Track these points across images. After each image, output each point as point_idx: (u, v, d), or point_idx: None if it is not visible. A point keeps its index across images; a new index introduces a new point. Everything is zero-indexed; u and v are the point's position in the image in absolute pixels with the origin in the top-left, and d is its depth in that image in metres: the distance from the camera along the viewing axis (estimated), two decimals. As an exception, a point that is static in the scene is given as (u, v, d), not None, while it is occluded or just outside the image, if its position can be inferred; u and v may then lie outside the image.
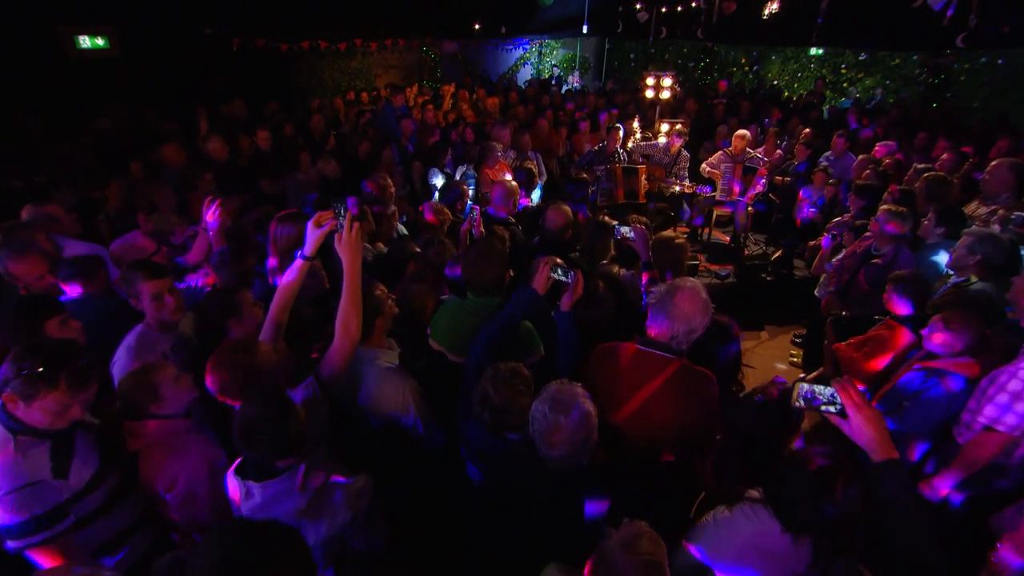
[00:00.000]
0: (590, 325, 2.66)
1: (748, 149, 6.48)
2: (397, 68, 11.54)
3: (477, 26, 10.19)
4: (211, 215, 3.40)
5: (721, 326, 2.56)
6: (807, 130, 7.15)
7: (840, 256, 4.61)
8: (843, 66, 13.55)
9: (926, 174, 4.72)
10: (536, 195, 6.08)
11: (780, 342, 5.78)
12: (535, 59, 14.03)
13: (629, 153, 6.66)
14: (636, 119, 7.13)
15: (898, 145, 6.31)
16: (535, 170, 4.76)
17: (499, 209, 4.20)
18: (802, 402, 1.60)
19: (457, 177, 6.27)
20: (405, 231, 4.64)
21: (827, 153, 6.80)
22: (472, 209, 3.70)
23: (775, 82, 13.78)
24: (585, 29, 10.09)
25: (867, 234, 4.45)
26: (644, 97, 7.01)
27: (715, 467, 2.16)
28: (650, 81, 6.67)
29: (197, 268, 3.52)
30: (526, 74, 13.85)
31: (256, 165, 5.83)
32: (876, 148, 6.24)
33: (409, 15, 9.77)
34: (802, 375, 5.15)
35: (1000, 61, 11.34)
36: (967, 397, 2.79)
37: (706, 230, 6.94)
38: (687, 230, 7.07)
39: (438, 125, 8.09)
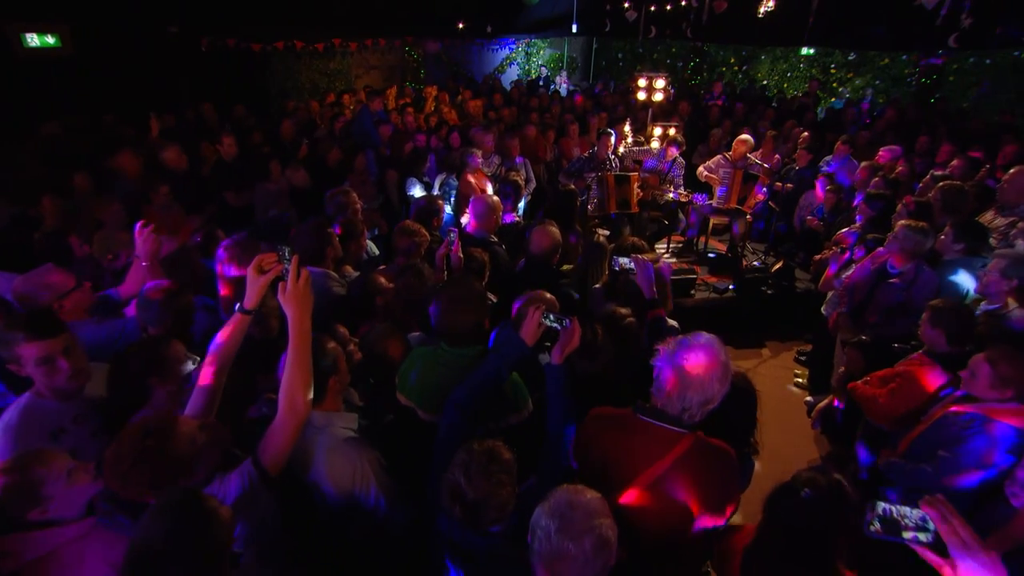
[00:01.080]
0: (586, 380, 2.22)
1: (749, 155, 6.08)
2: (379, 69, 11.02)
3: (461, 25, 9.69)
4: (144, 241, 2.90)
5: (741, 390, 2.12)
6: (806, 133, 6.77)
7: (851, 273, 4.21)
8: (832, 66, 13.28)
9: (941, 183, 4.34)
10: (522, 206, 5.64)
11: (783, 360, 5.40)
12: (522, 59, 13.58)
13: (621, 159, 6.23)
14: (627, 122, 6.70)
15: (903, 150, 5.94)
16: (521, 181, 4.32)
17: (479, 228, 3.75)
18: (879, 526, 1.17)
19: (436, 187, 5.81)
20: (376, 250, 4.16)
21: (827, 158, 6.43)
22: (448, 231, 3.24)
23: (764, 82, 13.47)
24: (574, 28, 9.63)
25: (881, 250, 4.06)
26: (636, 99, 6.58)
27: (745, 563, 1.73)
28: (642, 83, 6.25)
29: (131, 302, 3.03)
30: (512, 74, 13.39)
31: (219, 175, 5.31)
32: (880, 153, 5.87)
33: (390, 14, 9.25)
34: (809, 398, 4.76)
35: (988, 61, 11.16)
36: (1019, 449, 2.41)
37: (702, 239, 6.54)
38: (682, 239, 6.68)
39: (419, 130, 7.60)
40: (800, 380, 5.03)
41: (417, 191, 5.75)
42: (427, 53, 11.26)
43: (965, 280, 3.72)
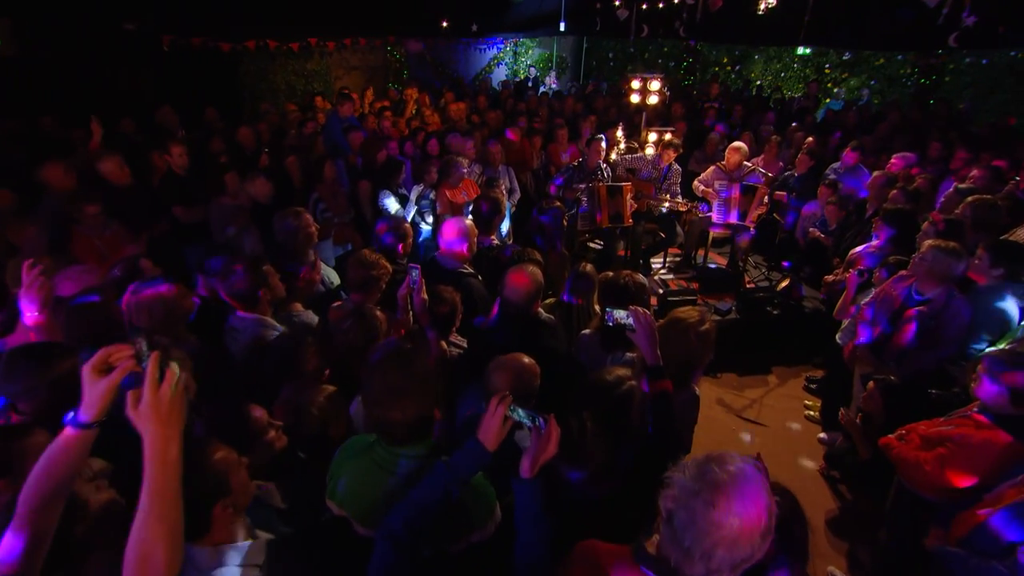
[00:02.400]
0: (571, 496, 1.64)
1: (746, 163, 5.52)
2: (360, 70, 10.37)
3: (445, 24, 9.06)
4: (30, 286, 2.29)
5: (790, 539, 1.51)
6: (810, 139, 6.22)
7: (870, 298, 3.67)
8: (827, 66, 12.79)
9: (972, 198, 3.80)
10: (505, 224, 5.06)
11: (791, 388, 4.86)
12: (510, 59, 12.95)
13: (613, 167, 5.66)
14: (620, 127, 6.13)
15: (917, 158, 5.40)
16: (502, 197, 3.74)
17: (452, 256, 3.16)
18: None
19: (412, 199, 5.20)
20: (334, 278, 3.56)
21: (834, 165, 5.89)
22: (411, 269, 2.67)
23: (758, 82, 12.95)
24: (562, 27, 9.03)
25: (904, 273, 3.52)
26: (628, 102, 6.01)
27: None
28: (635, 84, 5.68)
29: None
30: (501, 75, 12.76)
31: (168, 189, 4.68)
32: (892, 161, 5.33)
33: (369, 12, 8.61)
34: (822, 435, 4.23)
35: (984, 61, 10.71)
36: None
37: (700, 252, 5.99)
38: (679, 251, 6.13)
39: (400, 135, 6.99)
40: (812, 413, 4.49)
41: (391, 205, 5.15)
42: (410, 53, 10.62)
43: (1012, 309, 3.19)
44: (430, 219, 5.13)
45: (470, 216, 3.92)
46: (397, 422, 1.53)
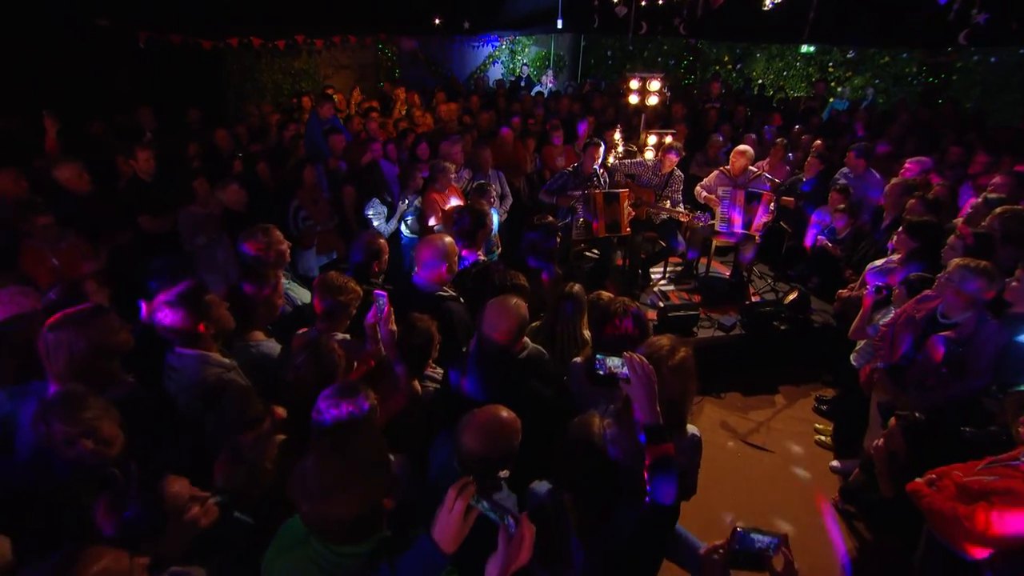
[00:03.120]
0: None
1: (751, 168, 5.18)
2: (350, 68, 10.00)
3: (437, 21, 8.69)
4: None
5: None
6: (818, 141, 5.89)
7: (890, 319, 3.35)
8: (830, 64, 12.44)
9: (1001, 209, 3.48)
10: (495, 231, 4.72)
11: (800, 409, 4.54)
12: (506, 57, 12.58)
13: (610, 172, 5.33)
14: (618, 129, 5.79)
15: (932, 162, 5.07)
16: (486, 208, 3.40)
17: (428, 278, 2.84)
18: None
19: (401, 207, 4.87)
20: (302, 296, 3.22)
21: (844, 170, 5.55)
22: (377, 296, 2.34)
23: (760, 81, 12.60)
24: (560, 24, 8.67)
25: (928, 293, 3.20)
26: (627, 103, 5.68)
27: None
28: (634, 84, 5.34)
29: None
30: (497, 73, 12.40)
31: (133, 197, 4.34)
32: (907, 166, 5.00)
33: (359, 8, 8.25)
34: (835, 463, 3.90)
35: (993, 59, 10.38)
36: None
37: (703, 260, 5.66)
38: (680, 260, 5.80)
39: (388, 136, 6.65)
40: (823, 439, 4.17)
41: (375, 212, 4.82)
42: (402, 51, 10.25)
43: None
44: (417, 226, 4.80)
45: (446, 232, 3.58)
46: (337, 519, 1.21)
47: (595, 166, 4.83)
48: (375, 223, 4.81)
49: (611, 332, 2.34)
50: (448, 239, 2.89)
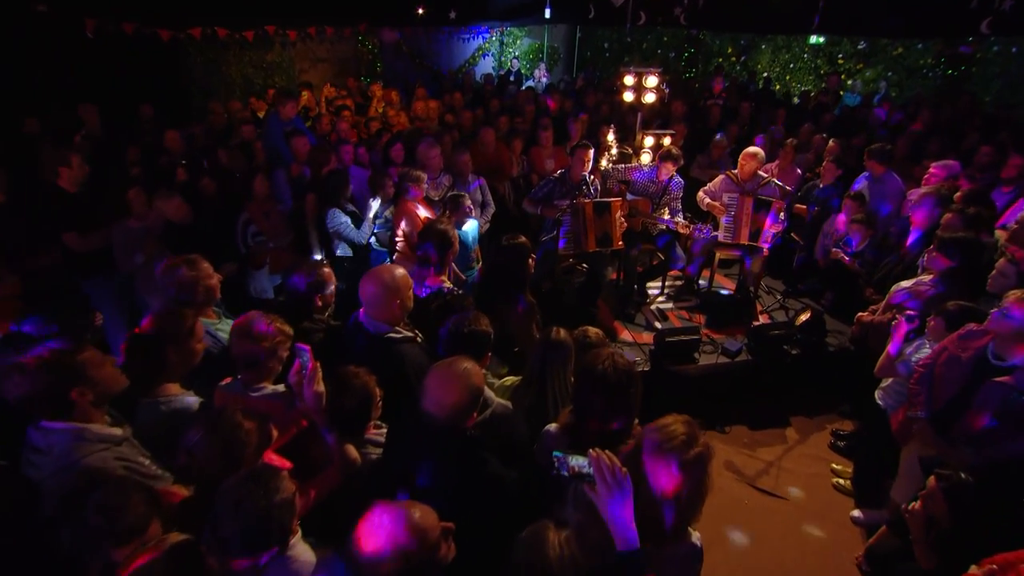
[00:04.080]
0: None
1: (760, 172, 4.75)
2: (328, 62, 9.53)
3: (420, 11, 8.24)
4: None
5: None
6: (832, 142, 5.45)
7: (927, 357, 2.93)
8: (840, 56, 12.01)
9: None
10: (471, 233, 4.30)
11: (815, 446, 4.12)
12: (496, 50, 12.12)
13: (603, 178, 4.89)
14: (612, 129, 5.35)
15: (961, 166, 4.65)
16: (450, 230, 2.96)
17: (377, 317, 2.41)
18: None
19: (369, 218, 4.43)
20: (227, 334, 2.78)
21: (864, 174, 5.12)
22: (299, 351, 1.93)
23: (765, 74, 12.16)
24: (547, 14, 8.22)
25: (974, 327, 2.78)
26: (622, 100, 5.24)
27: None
28: (629, 80, 4.90)
29: None
30: (487, 67, 11.93)
31: (56, 210, 3.90)
32: (932, 171, 4.56)
33: (336, -3, 7.81)
34: (856, 513, 3.49)
35: (1014, 49, 9.95)
36: None
37: (706, 273, 5.23)
38: (678, 273, 5.37)
39: (362, 137, 6.21)
40: (841, 482, 3.75)
41: (341, 223, 4.38)
42: (384, 44, 9.79)
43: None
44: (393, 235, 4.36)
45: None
46: None
47: (584, 172, 4.40)
48: (345, 232, 4.37)
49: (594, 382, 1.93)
50: (398, 271, 2.45)
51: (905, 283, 3.51)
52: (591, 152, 4.30)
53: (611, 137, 5.28)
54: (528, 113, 6.84)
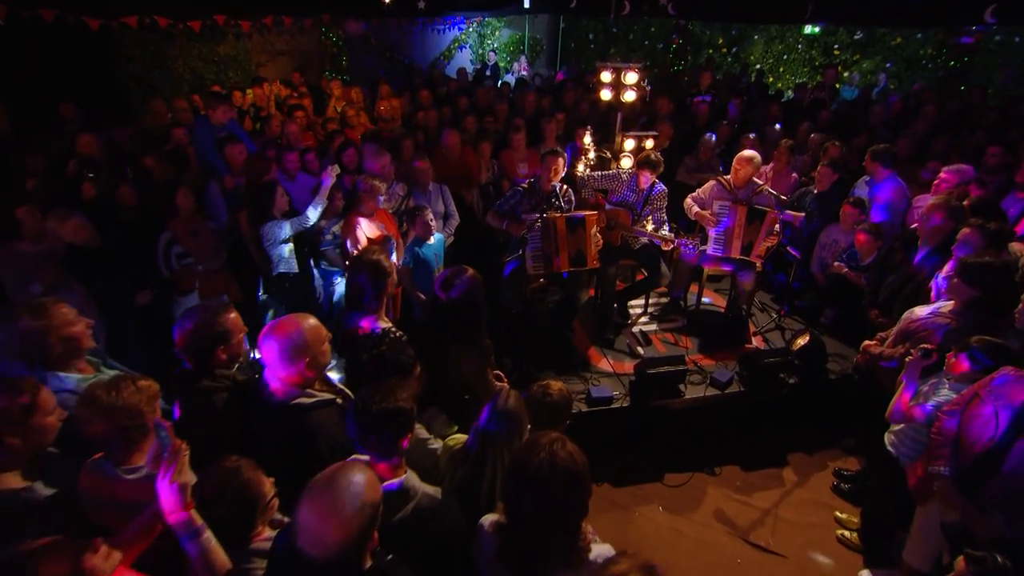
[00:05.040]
0: None
1: (755, 179, 4.37)
2: (288, 55, 9.03)
3: (387, 0, 7.75)
4: None
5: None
6: (833, 144, 5.09)
7: (952, 403, 2.56)
8: (836, 47, 11.70)
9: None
10: (435, 249, 3.88)
11: (816, 489, 3.75)
12: (474, 42, 11.66)
13: (579, 185, 4.48)
14: (588, 131, 4.95)
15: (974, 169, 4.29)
16: (384, 261, 2.53)
17: (284, 379, 1.99)
18: None
19: (312, 222, 3.97)
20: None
21: (866, 178, 4.77)
22: (157, 429, 1.51)
23: (758, 66, 11.82)
24: (526, 3, 7.77)
25: (1008, 372, 2.41)
26: (599, 99, 4.83)
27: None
28: (606, 76, 4.48)
29: None
30: (464, 60, 11.48)
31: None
32: (942, 176, 4.21)
33: (294, -15, 7.30)
34: (865, 574, 3.13)
35: (1017, 39, 9.70)
36: None
37: (694, 288, 4.86)
38: (664, 289, 4.97)
39: (319, 141, 5.76)
40: (846, 534, 3.38)
41: (279, 248, 3.93)
42: (350, 36, 9.30)
43: None
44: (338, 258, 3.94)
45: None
46: None
47: (555, 182, 3.98)
48: (285, 236, 3.92)
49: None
50: (307, 322, 2.02)
51: (920, 310, 3.13)
52: (562, 160, 3.89)
53: (588, 139, 4.87)
54: (500, 112, 6.41)
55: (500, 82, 8.76)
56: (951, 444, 2.49)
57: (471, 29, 11.47)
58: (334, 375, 2.47)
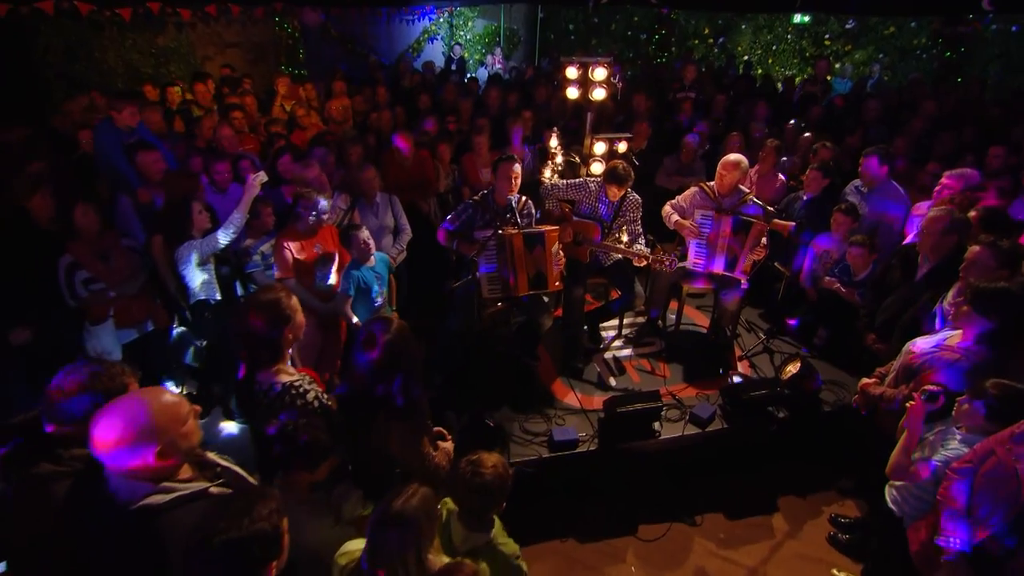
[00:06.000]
0: None
1: (742, 187, 4.03)
2: (239, 48, 8.52)
3: (346, -13, 7.35)
4: None
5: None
6: (823, 146, 4.76)
7: (962, 461, 2.23)
8: (827, 36, 11.45)
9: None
10: (375, 271, 3.50)
11: (810, 540, 3.41)
12: (445, 33, 11.22)
13: (542, 197, 4.10)
14: (555, 133, 4.57)
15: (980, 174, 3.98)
16: (284, 302, 2.12)
17: (130, 472, 1.59)
18: None
19: (222, 243, 3.55)
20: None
21: (856, 182, 4.45)
22: None
23: (746, 57, 11.53)
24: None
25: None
26: (565, 97, 4.44)
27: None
28: (571, 73, 4.10)
29: None
30: (435, 54, 11.03)
31: None
32: (944, 181, 3.89)
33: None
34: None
35: (1014, 28, 9.51)
36: None
37: (673, 304, 4.51)
38: (642, 311, 4.62)
39: (260, 145, 5.31)
40: (844, 596, 3.05)
41: (195, 272, 3.50)
42: (307, 26, 8.82)
43: None
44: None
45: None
46: None
47: (511, 196, 3.59)
48: (193, 282, 3.52)
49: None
50: (160, 399, 1.61)
51: (923, 342, 2.79)
52: (518, 167, 3.50)
53: (554, 142, 4.49)
54: (464, 111, 6.01)
55: (468, 77, 8.34)
56: (962, 512, 2.16)
57: (442, 20, 11.03)
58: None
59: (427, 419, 2.31)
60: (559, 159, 4.50)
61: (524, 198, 3.74)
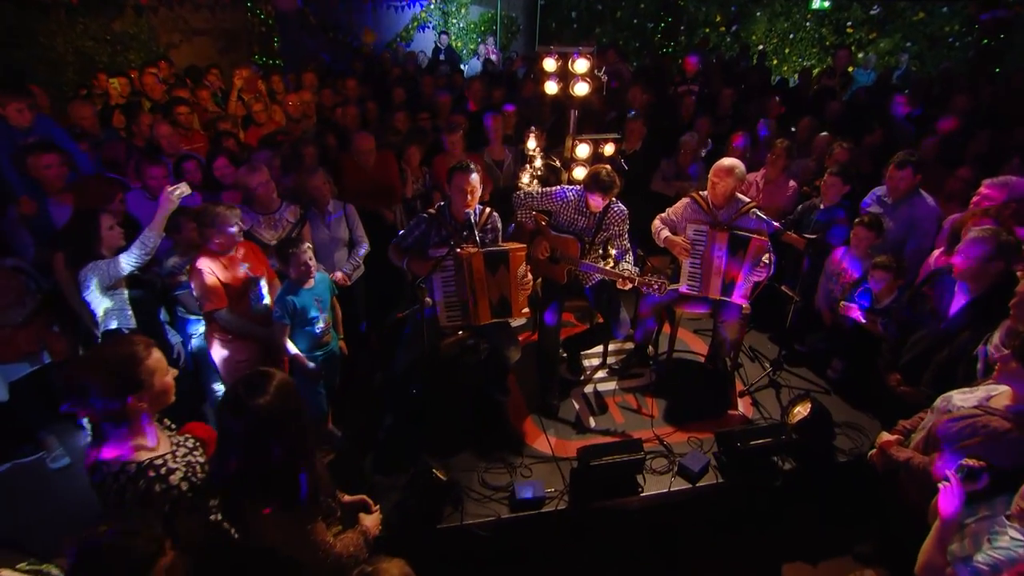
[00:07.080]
0: None
1: (740, 196, 3.57)
2: (208, 35, 8.14)
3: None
4: None
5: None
6: (841, 147, 4.28)
7: (1018, 567, 1.78)
8: (849, 24, 10.90)
9: None
10: (315, 294, 3.08)
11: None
12: (437, 20, 10.79)
13: (519, 204, 3.66)
14: (533, 133, 4.13)
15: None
16: (140, 349, 1.70)
17: None
18: None
19: (125, 268, 3.14)
20: None
21: (878, 191, 3.98)
22: None
23: (760, 47, 10.99)
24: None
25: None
26: (543, 93, 4.00)
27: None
28: (549, 65, 3.64)
29: None
30: (426, 43, 10.61)
31: None
32: (983, 191, 3.41)
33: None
34: None
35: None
36: None
37: (667, 328, 4.05)
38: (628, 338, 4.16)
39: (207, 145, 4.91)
40: None
41: (98, 298, 3.10)
42: (281, 12, 8.41)
43: None
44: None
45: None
46: None
47: (472, 210, 3.15)
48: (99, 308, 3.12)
49: None
50: None
51: (960, 397, 2.34)
52: (475, 178, 3.06)
53: (532, 144, 4.05)
54: (441, 106, 5.58)
55: (454, 69, 7.90)
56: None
57: (433, 6, 10.61)
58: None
59: (325, 495, 1.89)
60: (538, 163, 4.06)
61: (488, 210, 3.30)
